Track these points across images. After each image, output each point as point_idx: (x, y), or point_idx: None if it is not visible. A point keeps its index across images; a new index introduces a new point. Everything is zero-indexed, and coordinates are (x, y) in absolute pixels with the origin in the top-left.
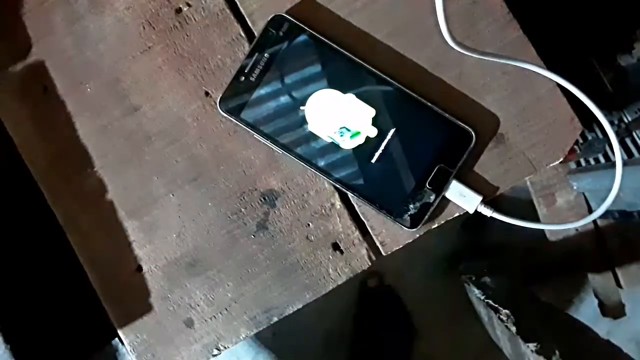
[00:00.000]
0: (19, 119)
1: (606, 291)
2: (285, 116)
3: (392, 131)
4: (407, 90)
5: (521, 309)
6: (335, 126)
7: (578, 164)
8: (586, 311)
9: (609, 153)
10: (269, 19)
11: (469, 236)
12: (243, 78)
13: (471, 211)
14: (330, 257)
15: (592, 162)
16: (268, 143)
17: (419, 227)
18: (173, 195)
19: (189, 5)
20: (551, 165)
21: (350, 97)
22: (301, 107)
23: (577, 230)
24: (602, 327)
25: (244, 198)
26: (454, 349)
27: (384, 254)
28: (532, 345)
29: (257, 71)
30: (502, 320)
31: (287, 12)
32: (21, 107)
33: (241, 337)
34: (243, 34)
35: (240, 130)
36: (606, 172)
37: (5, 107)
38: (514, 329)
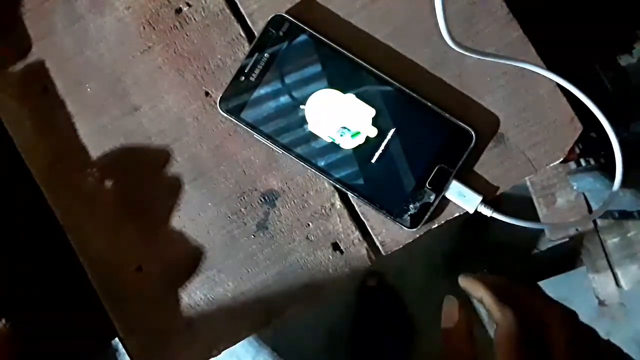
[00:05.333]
0: (19, 119)
1: (606, 291)
2: (285, 116)
3: (392, 131)
4: (407, 90)
5: None
6: (335, 126)
7: (578, 164)
8: (586, 311)
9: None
10: (269, 19)
11: (469, 236)
12: (243, 78)
13: (471, 211)
14: (330, 257)
15: (592, 162)
16: (268, 143)
17: (419, 227)
18: None
19: (189, 5)
20: (551, 165)
21: (350, 97)
22: (301, 107)
23: (577, 230)
24: (602, 327)
25: (244, 198)
26: None
27: (384, 254)
28: None
29: (257, 71)
30: None
31: (287, 12)
32: (21, 107)
33: (241, 337)
34: (243, 34)
35: (240, 130)
36: (606, 173)
37: (5, 107)
38: None
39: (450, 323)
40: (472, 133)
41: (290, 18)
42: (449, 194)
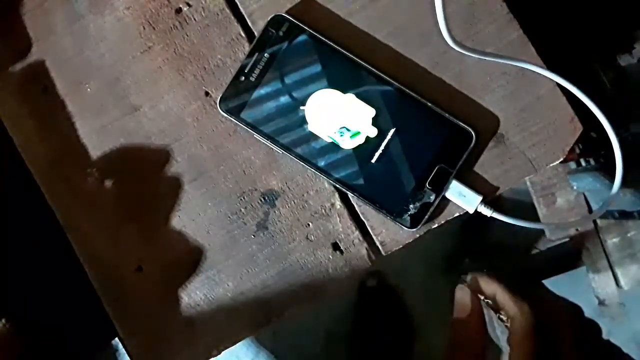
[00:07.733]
0: (19, 119)
1: (606, 291)
2: (285, 116)
3: (392, 131)
4: (407, 90)
5: None
6: (335, 126)
7: (578, 164)
8: (586, 311)
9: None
10: (269, 19)
11: (469, 236)
12: (243, 78)
13: (471, 211)
14: (330, 257)
15: (592, 162)
16: (268, 143)
17: (419, 227)
18: None
19: (189, 5)
20: (551, 165)
21: (350, 97)
22: (301, 107)
23: (577, 230)
24: (602, 327)
25: (244, 198)
26: None
27: (384, 254)
28: None
29: (257, 71)
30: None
31: (287, 12)
32: (21, 107)
33: (241, 337)
34: (243, 34)
35: (240, 130)
36: (606, 173)
37: (5, 107)
38: None
39: (463, 313)
40: (472, 133)
41: (290, 18)
42: (449, 194)
